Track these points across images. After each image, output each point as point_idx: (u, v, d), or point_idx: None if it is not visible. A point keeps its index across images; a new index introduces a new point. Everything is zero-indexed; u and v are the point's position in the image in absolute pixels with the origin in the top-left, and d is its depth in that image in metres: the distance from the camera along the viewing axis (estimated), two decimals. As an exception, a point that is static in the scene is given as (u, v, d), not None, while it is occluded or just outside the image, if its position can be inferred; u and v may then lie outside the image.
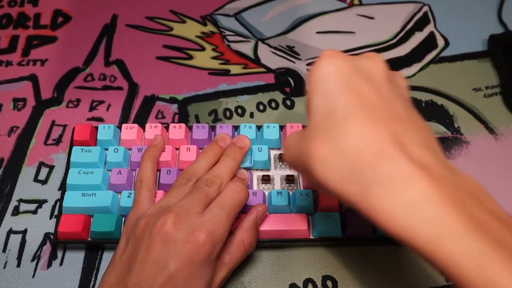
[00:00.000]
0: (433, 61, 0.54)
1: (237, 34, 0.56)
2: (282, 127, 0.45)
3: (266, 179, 0.42)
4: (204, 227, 0.32)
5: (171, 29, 0.57)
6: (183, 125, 0.44)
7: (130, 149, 0.44)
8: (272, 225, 0.39)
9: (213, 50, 0.55)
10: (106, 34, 0.56)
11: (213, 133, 0.45)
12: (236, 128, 0.45)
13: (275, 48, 0.55)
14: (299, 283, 0.40)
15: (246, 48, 0.55)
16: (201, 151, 0.43)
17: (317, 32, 0.56)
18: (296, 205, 0.40)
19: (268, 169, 0.43)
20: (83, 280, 0.40)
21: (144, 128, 0.45)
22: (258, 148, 0.43)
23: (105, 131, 0.44)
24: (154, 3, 0.59)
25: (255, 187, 0.42)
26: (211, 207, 0.34)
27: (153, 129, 0.44)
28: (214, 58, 0.54)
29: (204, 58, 0.54)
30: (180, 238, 0.32)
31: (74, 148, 0.43)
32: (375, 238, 0.40)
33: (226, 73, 0.53)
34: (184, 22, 0.57)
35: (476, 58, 0.54)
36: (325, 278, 0.40)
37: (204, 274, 0.33)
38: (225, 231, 0.34)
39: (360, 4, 0.59)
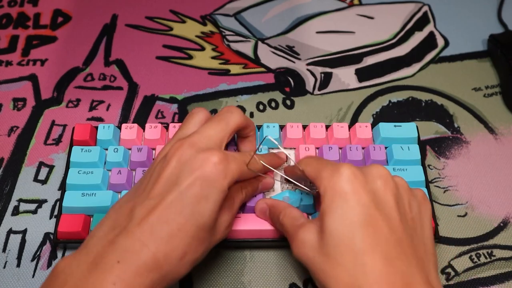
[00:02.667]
0: (433, 61, 0.54)
1: (237, 34, 0.56)
2: (282, 127, 0.45)
3: (266, 179, 0.42)
4: (222, 152, 0.32)
5: (171, 29, 0.57)
6: (183, 125, 0.44)
7: (130, 149, 0.44)
8: (272, 224, 0.39)
9: (213, 50, 0.55)
10: (106, 34, 0.56)
11: (213, 133, 0.45)
12: (236, 128, 0.45)
13: (275, 48, 0.55)
14: (299, 283, 0.40)
15: (246, 48, 0.55)
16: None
17: (317, 32, 0.56)
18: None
19: (268, 169, 0.43)
20: (83, 280, 0.40)
21: (144, 128, 0.45)
22: (258, 148, 0.43)
23: (105, 131, 0.44)
24: (154, 3, 0.59)
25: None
26: (232, 152, 0.35)
27: (153, 129, 0.44)
28: (214, 58, 0.54)
29: (204, 58, 0.54)
30: (194, 156, 0.32)
31: (74, 148, 0.43)
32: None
33: (226, 73, 0.53)
34: (184, 22, 0.57)
35: (476, 58, 0.54)
36: (325, 278, 0.40)
37: (215, 197, 0.31)
38: (239, 168, 0.33)
39: (360, 4, 0.59)
